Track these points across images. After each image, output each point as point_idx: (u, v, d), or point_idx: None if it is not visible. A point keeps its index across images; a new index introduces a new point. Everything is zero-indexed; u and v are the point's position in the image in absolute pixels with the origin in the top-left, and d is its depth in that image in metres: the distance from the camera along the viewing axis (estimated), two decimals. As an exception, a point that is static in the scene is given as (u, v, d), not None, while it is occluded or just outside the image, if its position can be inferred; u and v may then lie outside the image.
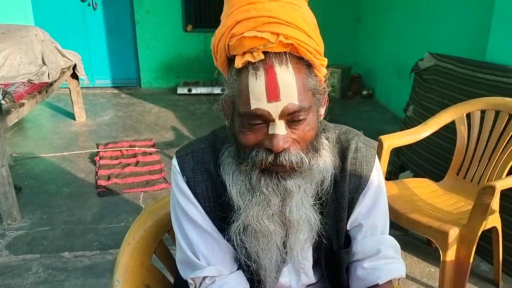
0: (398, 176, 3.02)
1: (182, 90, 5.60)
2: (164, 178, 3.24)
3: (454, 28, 3.65)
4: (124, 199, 2.95)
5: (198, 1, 5.78)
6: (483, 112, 2.14)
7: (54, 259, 2.33)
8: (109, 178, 3.19)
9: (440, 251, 1.78)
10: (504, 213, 2.09)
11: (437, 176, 2.41)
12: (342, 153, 0.93)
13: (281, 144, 0.77)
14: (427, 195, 2.12)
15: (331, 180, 0.88)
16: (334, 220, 0.92)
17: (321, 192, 0.88)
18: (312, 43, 0.79)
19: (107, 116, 4.75)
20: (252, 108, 0.77)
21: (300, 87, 0.78)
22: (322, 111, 0.88)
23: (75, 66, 4.10)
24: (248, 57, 0.76)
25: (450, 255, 1.77)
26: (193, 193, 0.90)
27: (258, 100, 0.76)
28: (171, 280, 1.15)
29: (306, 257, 0.93)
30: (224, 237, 0.91)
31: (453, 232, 1.74)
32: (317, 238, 0.90)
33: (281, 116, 0.77)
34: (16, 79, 3.25)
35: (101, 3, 5.56)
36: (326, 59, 0.83)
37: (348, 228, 0.95)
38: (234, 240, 0.87)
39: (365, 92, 5.44)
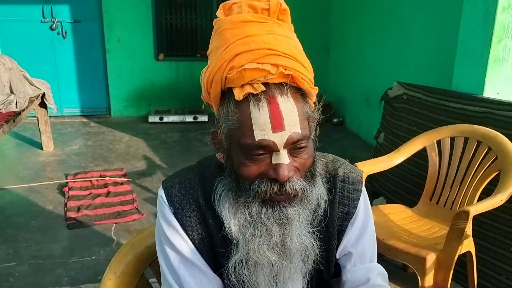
0: (372, 203, 3.07)
1: (153, 119, 5.55)
2: (137, 208, 3.17)
3: (421, 58, 3.82)
4: (95, 231, 2.85)
5: (170, 30, 5.82)
6: (452, 139, 2.21)
7: (21, 297, 2.21)
8: (79, 209, 3.09)
9: (418, 277, 1.80)
10: (477, 238, 2.14)
11: (410, 201, 2.46)
12: (331, 181, 0.93)
13: (286, 173, 0.78)
14: (403, 221, 2.15)
15: (325, 207, 0.88)
16: (324, 249, 0.91)
17: (315, 219, 0.87)
18: (307, 73, 0.82)
19: (76, 145, 4.64)
20: (257, 139, 0.77)
21: (300, 115, 0.79)
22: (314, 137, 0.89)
23: (43, 94, 4.01)
24: (249, 89, 0.77)
25: (428, 280, 1.79)
26: (180, 224, 0.88)
27: (263, 131, 0.76)
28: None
29: (296, 287, 0.92)
30: (214, 271, 0.89)
31: (430, 258, 1.76)
32: (313, 266, 0.89)
33: (285, 146, 0.78)
34: (-19, 108, 3.15)
35: (70, 32, 5.51)
36: (317, 88, 0.85)
37: (337, 256, 0.95)
38: (232, 274, 0.85)
39: (335, 120, 5.55)
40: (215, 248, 0.89)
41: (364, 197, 0.97)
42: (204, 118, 5.60)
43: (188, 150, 4.59)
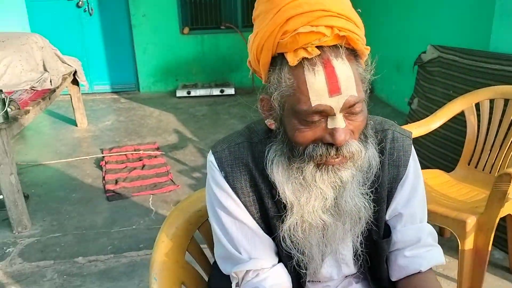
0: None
1: (181, 93, 5.59)
2: (171, 180, 3.24)
3: (455, 19, 3.66)
4: (133, 203, 2.94)
5: (194, 3, 5.78)
6: (491, 101, 2.15)
7: (68, 264, 2.32)
8: (116, 182, 3.18)
9: (458, 240, 1.79)
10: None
11: (446, 167, 2.43)
12: (379, 143, 0.92)
13: (343, 137, 0.77)
14: (441, 186, 2.13)
15: (378, 169, 0.88)
16: (376, 210, 0.92)
17: (368, 180, 0.88)
18: (360, 32, 0.79)
19: (108, 121, 4.74)
20: (313, 105, 0.76)
21: (356, 78, 0.77)
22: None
23: (75, 72, 4.08)
24: (303, 53, 0.75)
25: (468, 243, 1.78)
26: (231, 188, 0.90)
27: (319, 96, 0.75)
28: (205, 276, 1.15)
29: (346, 248, 0.94)
30: (264, 231, 0.91)
31: (471, 221, 1.75)
32: (365, 228, 0.90)
33: (342, 109, 0.77)
34: (18, 86, 3.23)
35: (97, 9, 5.54)
36: (369, 47, 0.83)
37: (387, 218, 0.96)
38: (287, 237, 0.87)
39: (364, 88, 5.45)
40: (268, 211, 0.91)
41: (413, 159, 0.97)
42: (230, 91, 5.60)
43: (216, 122, 4.62)
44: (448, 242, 2.36)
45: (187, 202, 1.16)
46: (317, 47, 0.75)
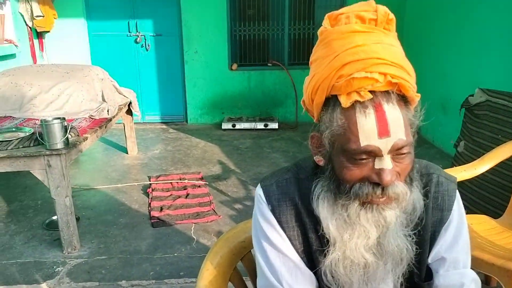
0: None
1: (226, 126, 5.76)
2: (214, 210, 3.32)
3: (502, 63, 3.63)
4: (176, 230, 3.03)
5: (244, 41, 6.02)
6: (542, 148, 2.11)
7: (112, 287, 2.41)
8: (161, 209, 3.30)
9: (504, 289, 1.74)
10: None
11: (492, 213, 2.37)
12: (424, 186, 0.95)
13: (389, 178, 0.81)
14: (486, 232, 2.08)
15: (422, 212, 0.90)
16: (418, 253, 0.93)
17: (411, 222, 0.90)
18: (412, 80, 0.84)
19: (157, 150, 4.94)
20: (362, 145, 0.80)
21: (405, 122, 0.82)
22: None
23: (130, 102, 4.32)
24: (355, 96, 0.80)
25: (515, 294, 1.72)
26: (278, 221, 0.95)
27: (369, 137, 0.80)
28: (245, 306, 1.19)
29: None
30: (306, 264, 0.95)
31: (518, 270, 1.70)
32: (406, 269, 0.92)
33: (390, 151, 0.81)
34: (78, 115, 3.47)
35: (153, 45, 5.89)
36: (419, 94, 0.87)
37: (430, 261, 0.97)
38: (328, 272, 0.90)
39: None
40: (311, 245, 0.95)
41: (458, 203, 0.98)
42: (274, 125, 5.70)
43: (259, 156, 4.71)
44: (495, 292, 2.27)
45: (232, 232, 1.22)
46: (370, 91, 0.81)
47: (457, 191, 0.98)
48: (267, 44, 6.08)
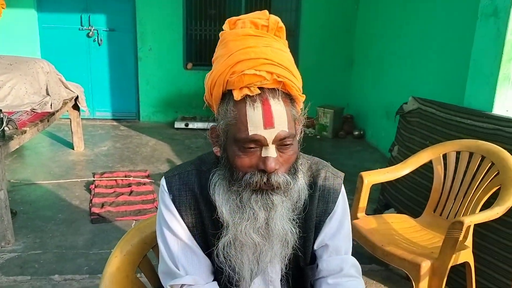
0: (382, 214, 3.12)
1: (179, 125, 5.76)
2: (156, 207, 3.33)
3: (437, 75, 3.88)
4: (115, 227, 3.03)
5: (200, 40, 6.05)
6: (458, 153, 2.28)
7: (44, 281, 2.39)
8: (103, 206, 3.28)
9: (413, 283, 1.87)
10: (478, 250, 2.19)
11: (418, 213, 2.52)
12: (313, 180, 1.05)
13: (273, 165, 0.90)
14: (405, 230, 2.22)
15: (305, 200, 1.00)
16: (302, 239, 1.02)
17: (297, 210, 0.99)
18: (296, 81, 0.95)
19: (105, 147, 4.88)
20: (250, 134, 0.90)
21: (288, 116, 0.92)
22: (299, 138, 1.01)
23: (77, 97, 4.26)
24: (246, 91, 0.90)
25: (423, 287, 1.86)
26: (177, 209, 1.02)
27: (256, 127, 0.89)
28: (153, 293, 1.25)
29: (275, 271, 1.04)
30: (204, 251, 1.02)
31: (425, 265, 1.84)
32: (292, 252, 1.00)
33: (274, 141, 0.91)
34: (20, 107, 3.40)
35: (106, 40, 5.81)
36: (304, 96, 0.98)
37: (315, 248, 1.06)
38: (221, 253, 0.98)
39: (356, 133, 5.61)
40: (206, 230, 1.02)
41: (343, 197, 1.09)
42: (227, 126, 5.76)
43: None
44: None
45: (146, 223, 1.27)
46: (259, 88, 0.91)
47: (342, 185, 1.08)
48: (223, 45, 6.13)
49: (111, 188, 3.65)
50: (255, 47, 0.93)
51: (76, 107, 4.40)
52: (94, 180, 3.79)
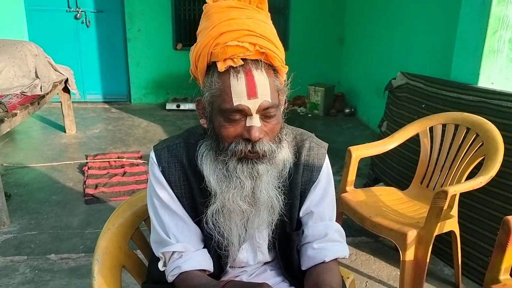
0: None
1: (170, 106, 5.76)
2: (150, 188, 3.37)
3: (425, 50, 3.91)
4: (110, 207, 3.07)
5: (189, 21, 6.00)
6: (444, 126, 2.32)
7: (41, 261, 2.43)
8: (96, 187, 3.31)
9: (400, 252, 1.94)
10: (463, 219, 2.25)
11: (406, 186, 2.57)
12: (298, 150, 1.09)
13: (257, 134, 0.93)
14: (392, 202, 2.28)
15: (290, 168, 1.03)
16: (287, 206, 1.06)
17: (282, 178, 1.03)
18: (279, 52, 0.97)
19: (97, 129, 4.89)
20: (235, 104, 0.92)
21: (271, 87, 0.95)
22: (283, 109, 1.04)
23: (67, 80, 4.25)
24: (230, 63, 0.93)
25: (409, 255, 1.92)
26: (167, 181, 1.05)
27: (240, 98, 0.92)
28: (145, 262, 1.29)
29: (262, 237, 1.08)
30: (194, 219, 1.05)
31: (411, 234, 1.89)
32: (278, 218, 1.04)
33: (257, 111, 0.93)
34: (9, 91, 3.39)
35: (94, 21, 5.75)
36: (287, 67, 1.00)
37: (301, 215, 1.10)
38: (210, 220, 1.01)
39: (347, 110, 5.64)
40: (196, 199, 1.05)
41: (326, 166, 1.12)
42: (219, 107, 5.77)
43: (202, 136, 4.77)
44: (402, 257, 2.49)
45: (137, 197, 1.30)
46: (242, 59, 0.93)
47: (326, 155, 1.12)
48: (212, 25, 6.09)
49: (104, 170, 3.67)
50: (238, 19, 0.95)
51: (66, 90, 4.39)
52: (87, 162, 3.81)
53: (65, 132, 4.66)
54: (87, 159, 3.89)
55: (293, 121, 1.05)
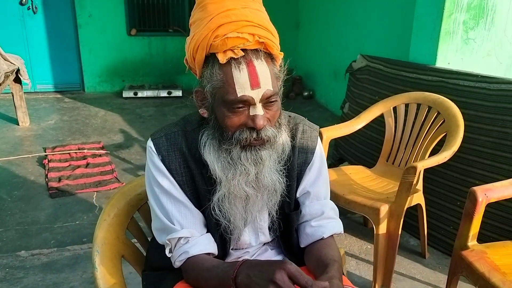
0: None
1: (128, 94, 5.63)
2: (116, 178, 3.31)
3: (383, 32, 4.04)
4: (77, 199, 2.99)
5: (142, 5, 5.84)
6: (406, 105, 2.45)
7: (11, 258, 2.35)
8: (60, 180, 3.21)
9: (374, 226, 2.05)
10: (427, 194, 2.41)
11: (370, 164, 2.70)
12: (292, 133, 1.13)
13: (261, 122, 0.96)
14: (362, 179, 2.39)
15: (289, 151, 1.08)
16: (286, 188, 1.10)
17: (282, 161, 1.07)
18: (276, 40, 1.00)
19: (51, 120, 4.70)
20: (239, 95, 0.94)
21: (272, 75, 0.97)
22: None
23: (18, 70, 4.04)
24: (230, 54, 0.94)
25: (382, 228, 2.03)
26: (167, 169, 1.06)
27: (243, 88, 0.94)
28: (143, 251, 1.30)
29: (263, 219, 1.12)
30: (195, 206, 1.07)
31: (384, 208, 2.00)
32: (281, 199, 1.08)
33: (261, 100, 0.96)
34: (-43, 83, 3.19)
35: (41, 7, 5.47)
36: (282, 53, 1.03)
37: (298, 195, 1.15)
38: (216, 206, 1.04)
39: (306, 93, 5.76)
40: (198, 187, 1.07)
41: (319, 147, 1.17)
42: (178, 93, 5.70)
43: (163, 123, 4.68)
44: (371, 232, 2.62)
45: (129, 186, 1.30)
46: (242, 49, 0.94)
47: (318, 137, 1.17)
48: (167, 9, 5.97)
49: (65, 162, 3.56)
50: (235, 9, 0.95)
51: (17, 80, 4.17)
52: (46, 155, 3.67)
53: (18, 124, 4.44)
54: (45, 152, 3.75)
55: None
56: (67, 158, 3.64)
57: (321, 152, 1.17)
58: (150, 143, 1.08)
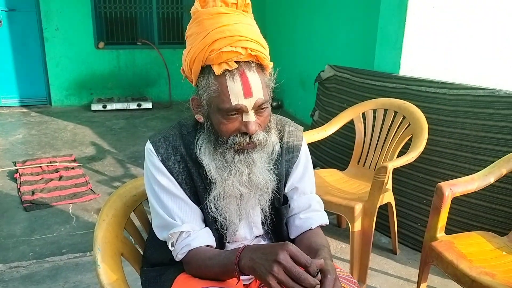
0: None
1: (96, 107, 5.59)
2: (91, 189, 3.31)
3: (348, 42, 4.24)
4: (52, 212, 2.97)
5: (110, 19, 5.85)
6: (374, 111, 2.61)
7: (-12, 272, 2.32)
8: (33, 193, 3.18)
9: (349, 224, 2.17)
10: (396, 194, 2.56)
11: (341, 168, 2.84)
12: (280, 134, 1.24)
13: (254, 128, 1.06)
14: (336, 181, 2.52)
15: (279, 152, 1.18)
16: (277, 185, 1.20)
17: (272, 161, 1.17)
18: (266, 52, 1.10)
19: (19, 135, 4.62)
20: (233, 104, 1.04)
21: (263, 85, 1.07)
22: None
23: (-15, 83, 3.97)
24: (225, 66, 1.03)
25: (357, 226, 2.16)
26: (167, 169, 1.14)
27: (237, 98, 1.03)
28: (139, 249, 1.35)
29: (256, 214, 1.21)
30: (193, 202, 1.15)
31: (358, 207, 2.13)
32: (272, 196, 1.18)
33: (253, 108, 1.06)
34: None
35: (6, 20, 5.38)
36: (272, 62, 1.13)
37: (286, 191, 1.25)
38: (212, 205, 1.13)
39: (274, 104, 5.91)
40: (196, 185, 1.16)
41: (304, 146, 1.29)
42: (148, 105, 5.72)
43: (134, 135, 4.73)
44: (345, 232, 2.76)
45: (124, 189, 1.36)
46: (235, 62, 1.04)
47: (303, 137, 1.28)
48: (136, 23, 6.00)
49: (37, 175, 3.52)
50: (229, 25, 1.05)
51: (-16, 94, 4.10)
52: (17, 169, 3.61)
53: (-16, 139, 4.35)
54: (16, 166, 3.69)
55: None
56: (39, 172, 3.59)
57: (306, 150, 1.28)
58: (149, 146, 1.16)
